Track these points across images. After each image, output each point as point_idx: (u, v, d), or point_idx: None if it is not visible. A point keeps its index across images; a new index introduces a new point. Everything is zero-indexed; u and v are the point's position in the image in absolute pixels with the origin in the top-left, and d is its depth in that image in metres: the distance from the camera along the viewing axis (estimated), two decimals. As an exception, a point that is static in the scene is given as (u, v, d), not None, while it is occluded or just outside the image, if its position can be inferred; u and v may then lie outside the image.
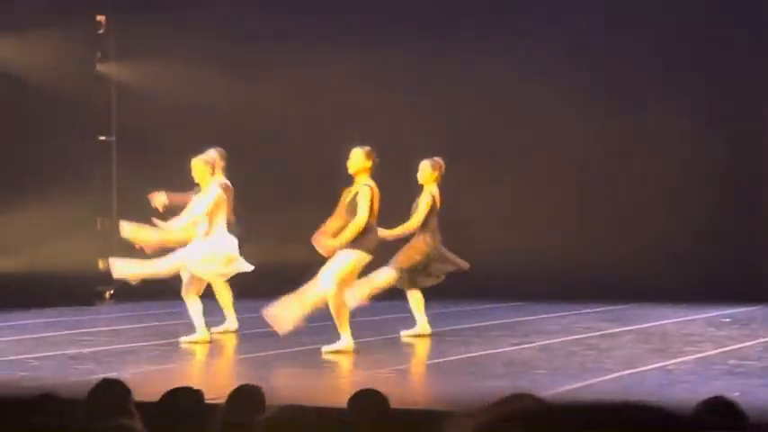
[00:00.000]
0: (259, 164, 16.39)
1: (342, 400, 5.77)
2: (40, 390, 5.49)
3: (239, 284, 12.55)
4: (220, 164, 12.37)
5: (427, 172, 12.47)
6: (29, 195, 13.83)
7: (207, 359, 10.78)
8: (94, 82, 18.16)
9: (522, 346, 11.56)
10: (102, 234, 17.58)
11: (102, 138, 18.41)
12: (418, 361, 10.43)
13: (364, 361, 10.46)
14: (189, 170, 12.03)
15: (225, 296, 12.54)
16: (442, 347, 11.52)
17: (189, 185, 12.45)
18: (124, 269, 11.86)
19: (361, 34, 17.31)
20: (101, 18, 18.47)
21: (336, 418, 5.55)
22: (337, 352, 10.77)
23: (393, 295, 16.23)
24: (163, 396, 5.12)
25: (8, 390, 8.71)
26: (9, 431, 4.77)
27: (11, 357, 10.70)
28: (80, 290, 16.38)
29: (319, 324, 12.43)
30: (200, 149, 12.26)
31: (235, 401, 5.31)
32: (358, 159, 11.10)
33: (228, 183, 12.32)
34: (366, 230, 10.91)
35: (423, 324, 12.52)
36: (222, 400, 5.35)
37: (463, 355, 10.80)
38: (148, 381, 9.50)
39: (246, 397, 5.37)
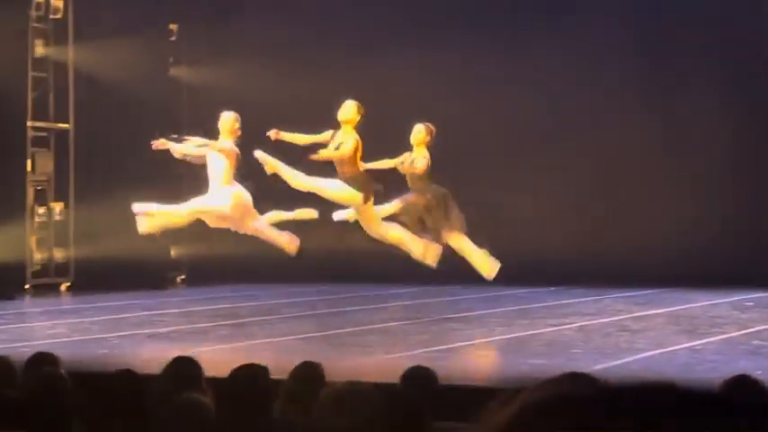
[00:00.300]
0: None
1: (392, 377, 5.76)
2: (120, 366, 5.52)
3: (298, 269, 12.52)
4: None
5: (422, 134, 12.39)
6: (109, 187, 13.91)
7: (270, 338, 10.78)
8: (167, 84, 18.25)
9: (560, 327, 11.51)
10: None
11: (174, 135, 18.47)
12: (463, 341, 10.38)
13: (411, 341, 10.45)
14: (252, 165, 12.02)
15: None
16: (485, 328, 11.49)
17: (252, 174, 12.46)
18: (144, 206, 11.91)
19: (419, 32, 17.26)
20: (173, 26, 18.56)
21: (390, 393, 5.53)
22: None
23: (440, 279, 16.24)
24: (231, 372, 5.12)
25: (92, 366, 8.77)
26: (93, 403, 4.79)
27: (94, 336, 10.77)
28: (154, 275, 16.47)
29: (373, 307, 12.46)
30: (263, 146, 12.27)
31: (297, 378, 5.30)
32: (350, 111, 11.53)
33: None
34: (367, 178, 11.30)
35: None
36: (285, 377, 5.34)
37: (506, 336, 10.77)
38: (218, 358, 9.54)
39: (308, 373, 5.36)
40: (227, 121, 12.22)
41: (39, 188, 16.71)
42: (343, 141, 12.06)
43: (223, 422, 4.00)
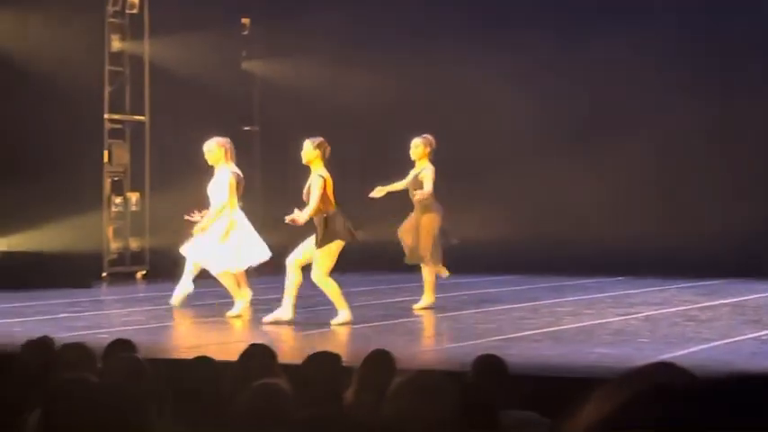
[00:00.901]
0: (390, 156, 16.42)
1: (462, 365, 5.74)
2: (194, 353, 5.55)
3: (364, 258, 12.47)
4: (232, 151, 11.77)
5: (420, 149, 12.03)
6: (183, 177, 13.98)
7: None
8: (240, 78, 18.34)
9: (627, 317, 11.43)
10: (248, 215, 17.71)
11: (247, 128, 18.59)
12: (531, 329, 10.34)
13: (479, 330, 10.42)
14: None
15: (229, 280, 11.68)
16: (553, 317, 11.43)
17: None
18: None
19: (485, 31, 17.23)
20: (245, 21, 18.65)
21: (460, 381, 5.52)
22: (340, 324, 10.60)
23: (504, 269, 16.19)
24: (305, 359, 5.13)
25: (168, 352, 8.83)
26: (166, 390, 4.82)
27: (169, 323, 10.84)
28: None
29: (440, 296, 12.43)
30: (333, 137, 12.26)
31: (369, 365, 5.30)
32: (308, 150, 10.78)
33: (239, 171, 11.81)
34: (331, 219, 10.62)
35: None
36: (357, 364, 5.34)
37: (573, 325, 10.71)
38: (291, 345, 9.57)
39: (379, 361, 5.35)
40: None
41: (115, 179, 16.87)
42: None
43: (299, 408, 4.00)
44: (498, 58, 16.92)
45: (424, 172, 11.90)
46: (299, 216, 10.66)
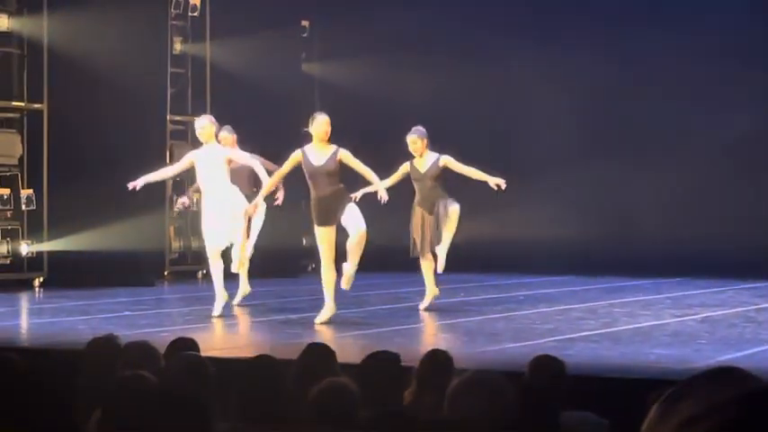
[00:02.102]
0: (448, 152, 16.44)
1: (520, 366, 5.70)
2: (255, 352, 5.55)
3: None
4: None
5: (419, 144, 11.88)
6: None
7: (398, 326, 10.79)
8: (299, 80, 18.39)
9: (684, 318, 11.32)
10: (305, 214, 17.78)
11: (306, 129, 18.61)
12: (588, 330, 10.27)
13: (537, 330, 10.37)
14: (382, 154, 12.00)
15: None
16: (610, 318, 11.36)
17: (383, 167, 12.46)
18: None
19: (536, 34, 17.18)
20: (305, 23, 18.70)
21: (517, 382, 5.49)
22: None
23: (560, 270, 16.11)
24: (365, 359, 5.12)
25: (228, 352, 8.86)
26: (228, 388, 4.82)
27: (231, 322, 10.88)
28: (287, 263, 16.63)
29: (495, 296, 12.39)
30: (391, 138, 12.27)
31: (427, 365, 5.28)
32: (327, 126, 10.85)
33: None
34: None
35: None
36: (415, 364, 5.32)
37: (631, 326, 10.62)
38: (349, 344, 9.57)
39: (437, 361, 5.34)
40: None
41: (177, 179, 16.96)
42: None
43: (363, 407, 4.00)
44: (549, 59, 16.86)
45: (448, 159, 11.78)
46: (380, 190, 10.69)
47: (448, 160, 11.86)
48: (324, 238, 10.66)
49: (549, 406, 4.73)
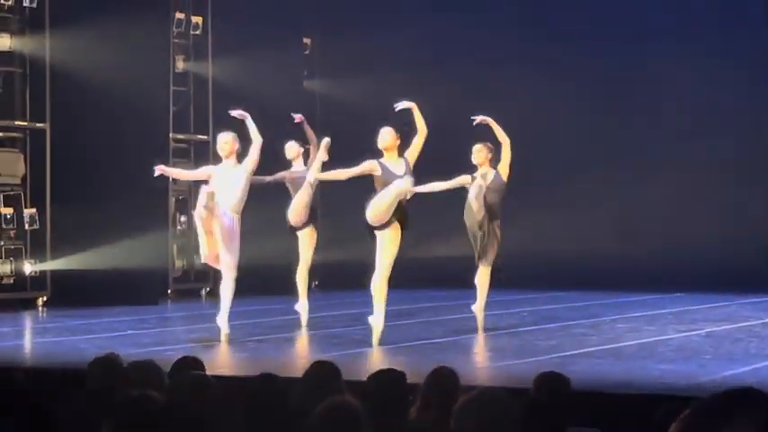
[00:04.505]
0: (452, 173, 16.44)
1: (524, 382, 5.70)
2: (259, 370, 5.55)
3: (419, 274, 12.45)
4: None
5: (483, 153, 11.85)
6: (249, 196, 14.06)
7: (402, 343, 10.78)
8: (302, 97, 18.41)
9: (689, 333, 11.31)
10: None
11: (309, 146, 18.63)
12: (592, 346, 10.26)
13: (540, 347, 10.35)
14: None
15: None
16: (613, 334, 11.34)
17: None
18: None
19: (546, 47, 17.21)
20: (307, 40, 18.74)
21: (524, 398, 5.48)
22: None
23: (565, 285, 16.10)
24: (370, 376, 5.12)
25: (232, 370, 8.86)
26: (233, 407, 4.82)
27: (235, 340, 10.86)
28: (290, 281, 16.59)
29: (498, 312, 12.36)
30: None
31: (432, 382, 5.27)
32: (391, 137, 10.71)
33: None
34: None
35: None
36: (419, 381, 5.31)
37: (635, 341, 10.61)
38: (354, 362, 9.56)
39: (443, 378, 5.32)
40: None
41: (180, 197, 16.99)
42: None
43: (368, 425, 3.99)
44: (561, 74, 16.88)
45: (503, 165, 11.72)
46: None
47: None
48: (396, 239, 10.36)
49: (555, 423, 4.72)
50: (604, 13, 17.30)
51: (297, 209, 12.07)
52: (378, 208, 10.34)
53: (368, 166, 10.58)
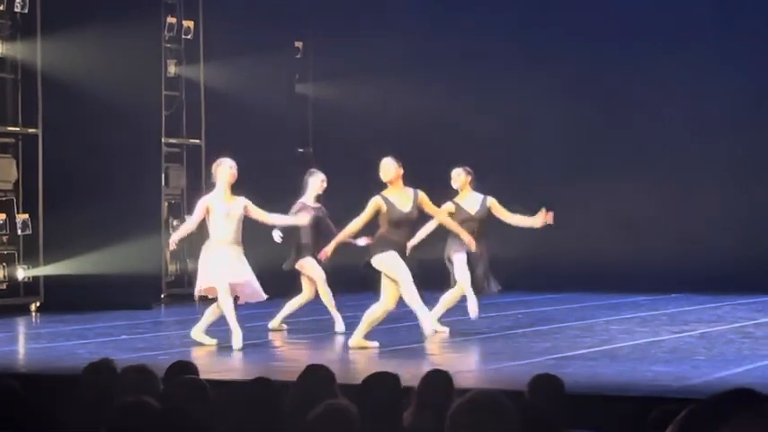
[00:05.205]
0: (443, 177, 16.46)
1: (519, 385, 5.70)
2: (254, 374, 5.55)
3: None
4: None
5: (462, 177, 11.76)
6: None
7: (396, 346, 10.78)
8: (294, 101, 18.41)
9: (682, 335, 11.33)
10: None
11: (301, 150, 18.66)
12: (586, 348, 10.27)
13: (535, 349, 10.36)
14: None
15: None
16: (607, 335, 11.36)
17: (377, 187, 12.46)
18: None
19: (532, 51, 17.23)
20: (298, 44, 18.73)
21: (519, 400, 5.49)
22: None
23: (557, 287, 16.11)
24: (364, 380, 5.12)
25: (227, 374, 8.85)
26: (228, 411, 4.82)
27: (223, 345, 10.86)
28: (286, 284, 16.57)
29: (493, 315, 12.36)
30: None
31: (426, 385, 5.28)
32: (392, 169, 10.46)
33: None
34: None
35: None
36: (413, 384, 5.32)
37: (628, 343, 10.63)
38: (348, 365, 9.56)
39: (437, 381, 5.34)
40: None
41: (172, 201, 16.98)
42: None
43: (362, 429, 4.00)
44: (547, 78, 16.90)
45: (493, 201, 11.73)
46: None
47: (493, 202, 11.72)
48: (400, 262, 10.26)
49: (550, 425, 4.73)
50: (607, 12, 17.33)
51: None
52: None
53: (373, 206, 10.34)
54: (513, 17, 17.63)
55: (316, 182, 12.42)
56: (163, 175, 16.63)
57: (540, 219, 11.57)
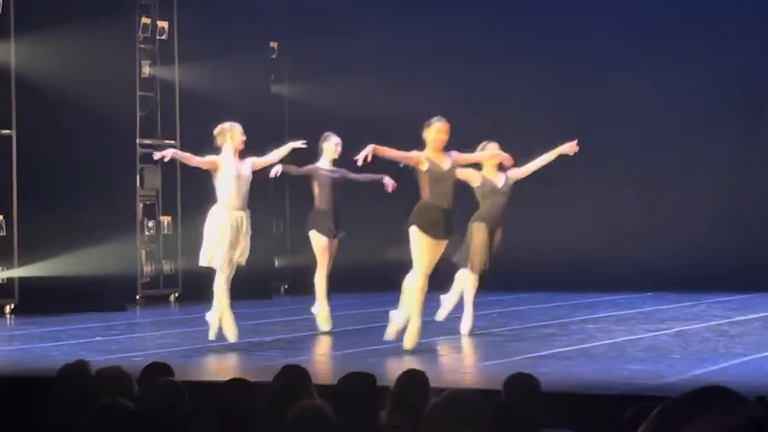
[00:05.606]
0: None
1: (494, 384, 5.71)
2: (229, 375, 5.54)
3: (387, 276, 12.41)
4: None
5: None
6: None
7: (373, 346, 10.78)
8: (269, 101, 18.38)
9: (658, 333, 11.37)
10: (276, 235, 17.84)
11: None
12: (562, 347, 10.30)
13: (510, 348, 10.38)
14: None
15: None
16: (583, 334, 11.38)
17: (355, 189, 12.46)
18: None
19: (507, 53, 17.26)
20: (273, 44, 18.71)
21: (494, 400, 5.50)
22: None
23: (533, 286, 16.14)
24: (340, 380, 5.12)
25: (202, 375, 8.83)
26: (203, 413, 4.81)
27: (199, 346, 10.84)
28: (260, 285, 16.57)
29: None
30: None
31: (402, 385, 5.28)
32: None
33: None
34: None
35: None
36: (390, 384, 5.32)
37: (604, 341, 10.65)
38: (324, 366, 9.56)
39: (413, 381, 5.34)
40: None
41: (147, 203, 16.92)
42: None
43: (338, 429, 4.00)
44: (527, 77, 16.93)
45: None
46: None
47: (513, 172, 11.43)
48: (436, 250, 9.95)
49: (525, 424, 4.73)
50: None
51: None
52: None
53: (415, 156, 9.99)
54: (491, 15, 17.65)
55: (330, 146, 12.13)
56: (138, 176, 16.58)
57: (567, 146, 11.30)
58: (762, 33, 16.49)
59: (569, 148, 11.26)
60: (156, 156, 10.99)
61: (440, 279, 10.91)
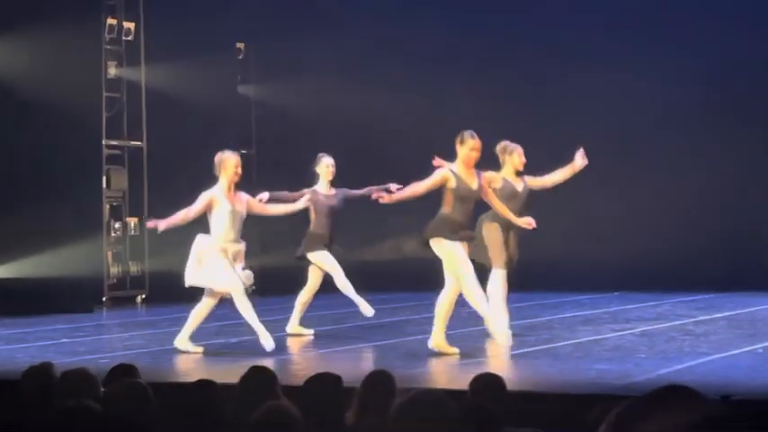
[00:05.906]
0: (387, 177, 16.45)
1: (461, 384, 5.71)
2: (196, 377, 5.52)
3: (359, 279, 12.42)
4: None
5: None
6: (181, 202, 13.99)
7: (341, 347, 10.77)
8: (236, 102, 18.35)
9: (623, 333, 11.41)
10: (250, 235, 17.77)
11: (244, 151, 18.59)
12: (528, 347, 10.31)
13: (477, 347, 10.39)
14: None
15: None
16: (550, 334, 11.41)
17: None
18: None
19: (471, 54, 17.28)
20: (240, 45, 18.68)
21: (459, 400, 5.50)
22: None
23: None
24: (306, 381, 5.11)
25: (169, 376, 8.80)
26: (169, 414, 4.79)
27: (168, 347, 10.80)
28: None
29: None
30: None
31: (368, 386, 5.27)
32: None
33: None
34: None
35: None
36: (357, 385, 5.31)
37: (570, 341, 10.68)
38: (290, 367, 9.55)
39: (379, 382, 5.33)
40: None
41: (114, 204, 16.86)
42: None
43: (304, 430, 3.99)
44: (496, 78, 16.96)
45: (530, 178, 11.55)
46: None
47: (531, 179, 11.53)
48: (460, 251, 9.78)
49: (492, 424, 4.74)
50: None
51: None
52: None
53: (440, 176, 9.78)
54: (460, 16, 17.67)
55: (323, 168, 11.93)
56: (104, 178, 16.52)
57: (579, 159, 11.31)
58: (736, 30, 16.54)
59: (581, 159, 11.28)
60: (149, 224, 10.78)
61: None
